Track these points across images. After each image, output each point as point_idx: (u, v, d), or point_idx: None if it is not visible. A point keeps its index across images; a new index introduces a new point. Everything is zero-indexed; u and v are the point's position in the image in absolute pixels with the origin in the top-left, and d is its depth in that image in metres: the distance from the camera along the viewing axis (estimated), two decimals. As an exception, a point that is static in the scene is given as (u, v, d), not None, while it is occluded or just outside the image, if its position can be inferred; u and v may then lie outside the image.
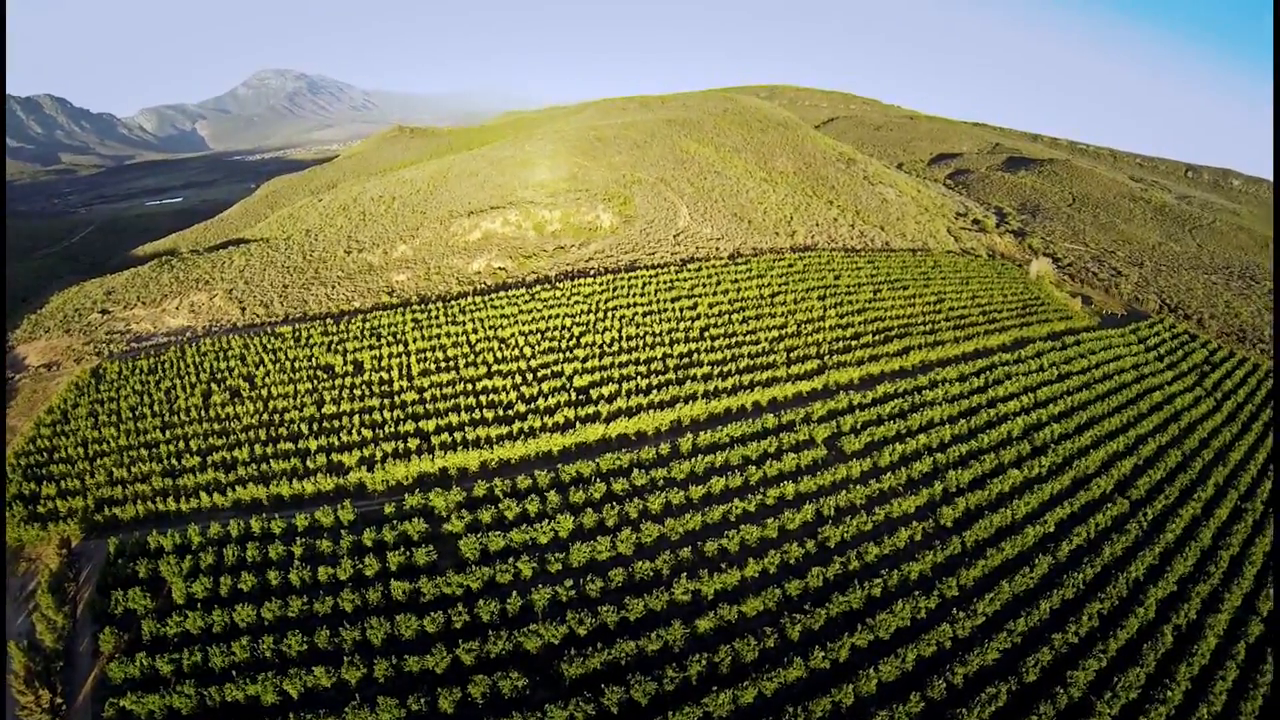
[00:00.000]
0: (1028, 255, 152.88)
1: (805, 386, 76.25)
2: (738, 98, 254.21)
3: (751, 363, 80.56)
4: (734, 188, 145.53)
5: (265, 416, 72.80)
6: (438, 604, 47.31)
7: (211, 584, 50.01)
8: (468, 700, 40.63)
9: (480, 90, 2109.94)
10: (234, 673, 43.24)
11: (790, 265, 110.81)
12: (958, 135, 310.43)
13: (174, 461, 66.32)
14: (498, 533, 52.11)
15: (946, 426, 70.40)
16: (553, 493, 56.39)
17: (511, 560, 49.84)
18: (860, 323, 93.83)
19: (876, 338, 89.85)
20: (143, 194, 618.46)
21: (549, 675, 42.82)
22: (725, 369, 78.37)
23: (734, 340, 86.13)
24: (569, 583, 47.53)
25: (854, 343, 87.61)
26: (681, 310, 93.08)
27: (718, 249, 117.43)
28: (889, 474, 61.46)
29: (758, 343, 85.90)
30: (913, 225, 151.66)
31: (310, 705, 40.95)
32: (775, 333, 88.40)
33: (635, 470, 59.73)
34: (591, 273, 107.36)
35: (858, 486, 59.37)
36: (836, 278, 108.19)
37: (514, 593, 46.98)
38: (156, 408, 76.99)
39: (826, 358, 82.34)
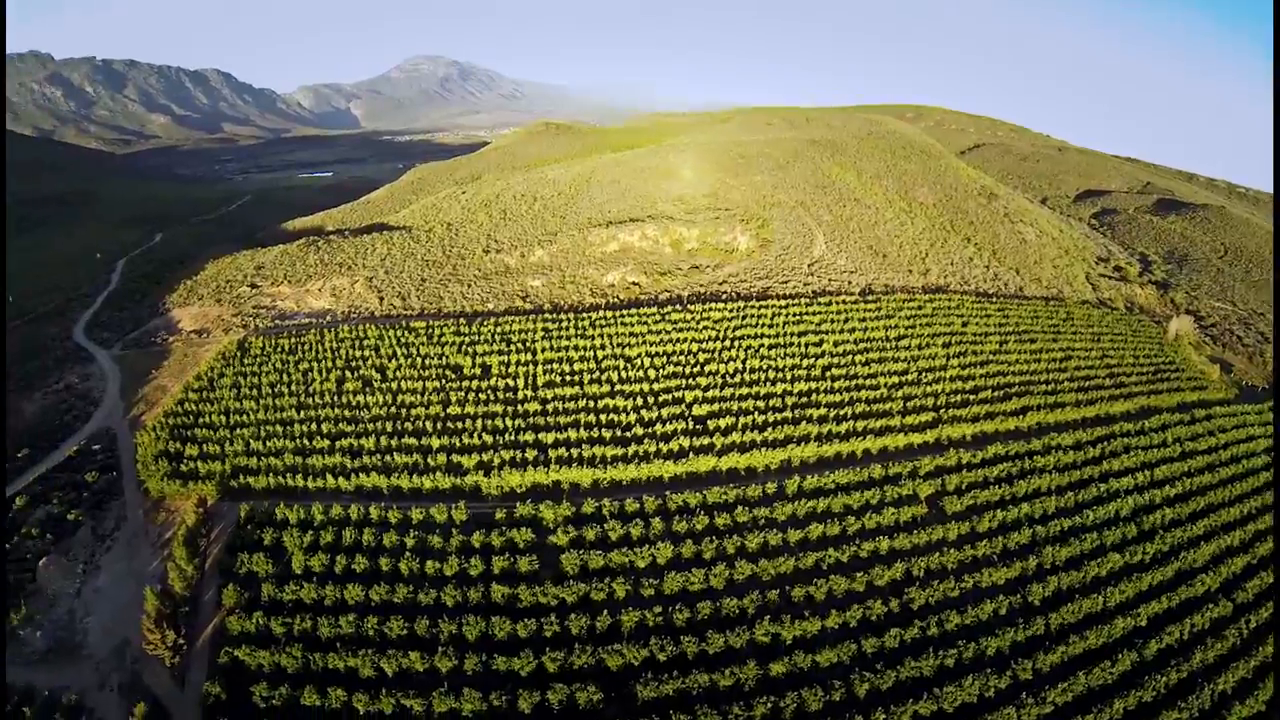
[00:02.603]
0: (1168, 311, 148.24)
1: (917, 439, 78.97)
2: (882, 120, 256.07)
3: (868, 409, 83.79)
4: (872, 218, 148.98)
5: (393, 409, 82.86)
6: (532, 611, 53.69)
7: (328, 560, 58.83)
8: (545, 705, 46.62)
9: (623, 85, 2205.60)
10: (338, 644, 51.35)
11: (919, 308, 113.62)
12: (1107, 171, 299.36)
13: (305, 441, 77.09)
14: (599, 552, 58.22)
15: (1052, 497, 70.86)
16: (657, 519, 62.07)
17: (608, 580, 55.56)
18: (982, 376, 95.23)
19: (996, 394, 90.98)
20: (296, 166, 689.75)
21: (623, 694, 48.19)
22: (841, 412, 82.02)
23: (854, 383, 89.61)
24: (658, 609, 52.95)
25: (972, 397, 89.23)
26: (807, 346, 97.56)
27: (850, 283, 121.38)
28: (985, 541, 63.33)
29: (876, 388, 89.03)
30: (1050, 269, 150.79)
31: (402, 685, 48.17)
32: (895, 379, 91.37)
33: (740, 507, 64.42)
34: (723, 297, 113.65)
35: (952, 550, 61.73)
36: (964, 324, 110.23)
37: (605, 611, 52.75)
38: (294, 387, 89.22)
39: (942, 411, 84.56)
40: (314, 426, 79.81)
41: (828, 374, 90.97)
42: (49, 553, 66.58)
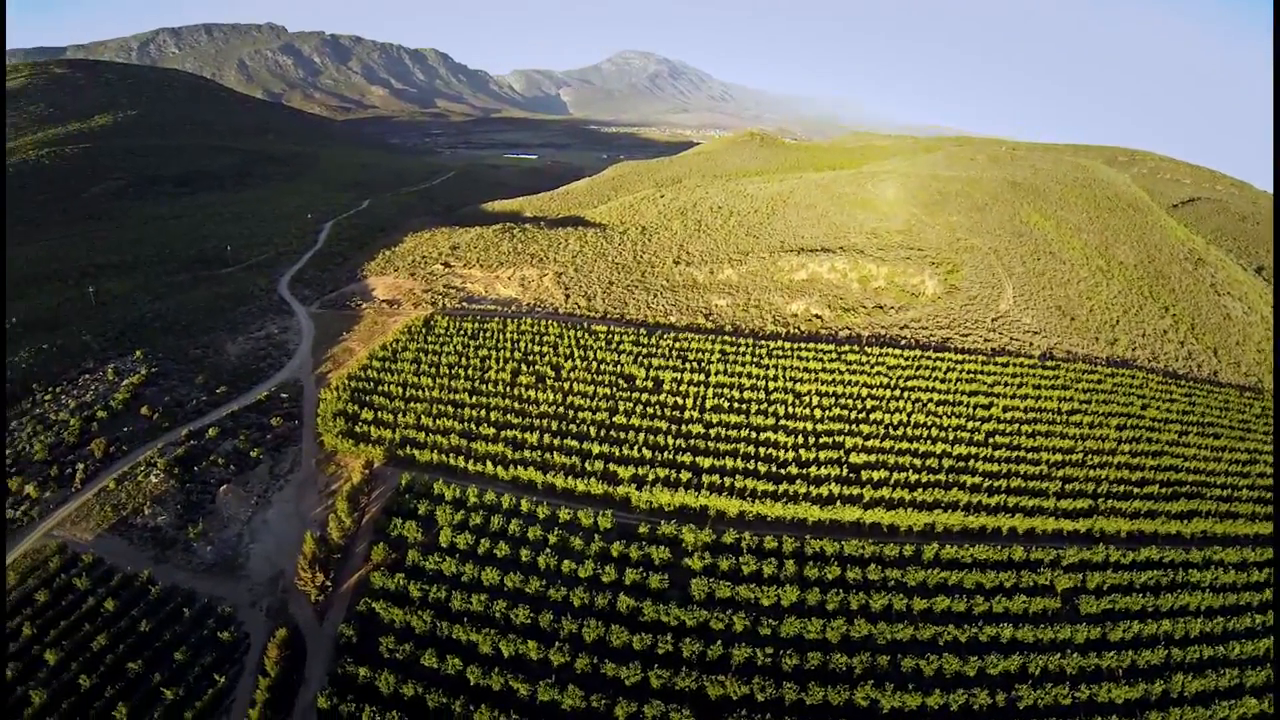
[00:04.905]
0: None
1: (1068, 526, 76.72)
2: (1091, 165, 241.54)
3: (1023, 484, 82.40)
4: (1066, 275, 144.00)
5: (561, 409, 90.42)
6: (651, 627, 58.65)
7: (473, 541, 66.80)
8: (639, 717, 51.26)
9: (833, 99, 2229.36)
10: (465, 619, 58.80)
11: (1099, 381, 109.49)
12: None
13: (473, 426, 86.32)
14: (729, 583, 62.29)
15: (1199, 620, 66.86)
16: (791, 562, 65.33)
17: (730, 612, 59.59)
18: (1152, 468, 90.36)
19: (1163, 490, 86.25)
20: (503, 146, 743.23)
21: (713, 724, 52.36)
22: (996, 484, 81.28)
23: (1015, 454, 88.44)
24: (769, 650, 56.18)
25: (1136, 490, 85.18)
26: (975, 408, 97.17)
27: (1031, 344, 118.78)
28: (1114, 653, 61.00)
29: (1037, 463, 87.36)
30: (1253, 353, 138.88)
31: (514, 668, 54.60)
32: (1059, 456, 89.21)
33: (873, 564, 66.43)
34: (902, 343, 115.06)
35: (1075, 654, 60.21)
36: (1144, 407, 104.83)
37: (719, 641, 56.76)
38: (470, 371, 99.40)
39: (1101, 500, 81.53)
40: (483, 413, 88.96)
41: (990, 440, 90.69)
42: (229, 481, 79.72)
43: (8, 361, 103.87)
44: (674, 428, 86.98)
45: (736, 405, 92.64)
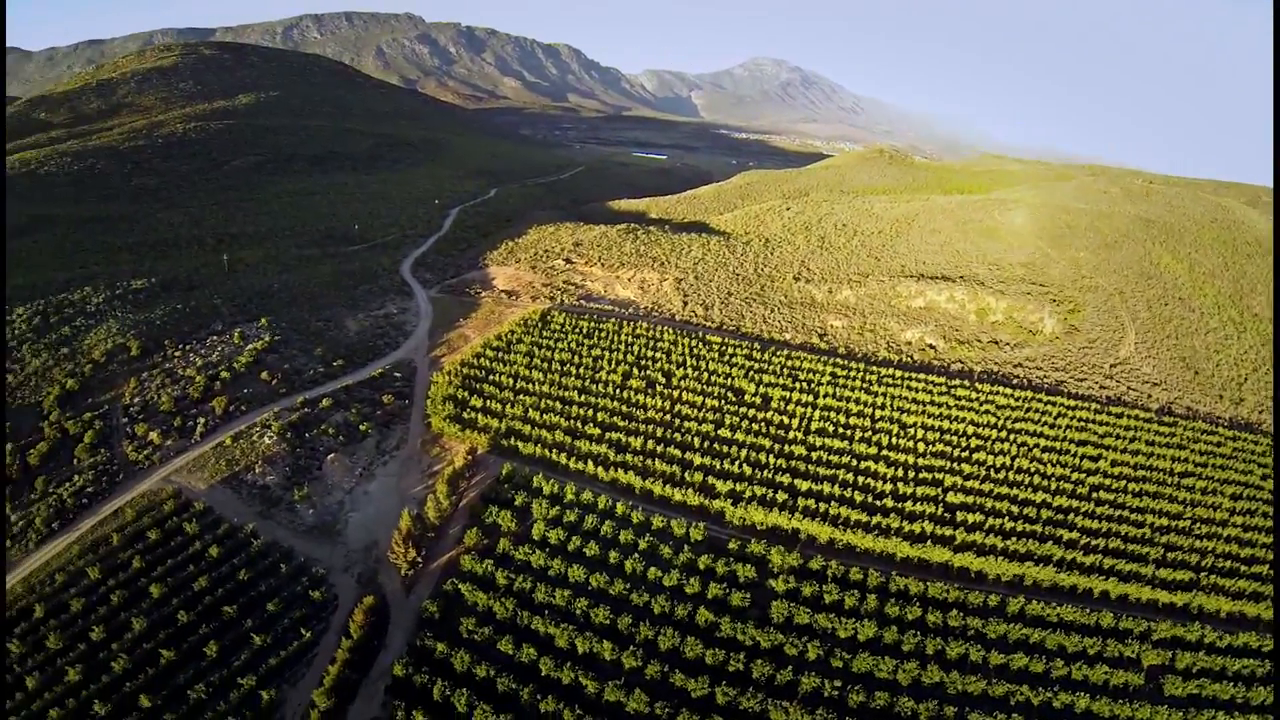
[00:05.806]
0: None
1: (1164, 597, 72.64)
2: (1232, 205, 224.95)
3: (1123, 546, 78.77)
4: (1195, 325, 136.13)
5: (668, 417, 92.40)
6: (726, 644, 60.04)
7: (564, 537, 69.54)
8: (699, 731, 52.87)
9: (964, 117, 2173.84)
10: (546, 611, 61.58)
11: (1219, 444, 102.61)
12: None
13: (579, 424, 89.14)
14: (809, 610, 63.07)
15: None
16: (873, 596, 65.32)
17: (805, 639, 60.40)
18: (1265, 545, 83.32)
19: (1273, 572, 78.93)
20: (631, 144, 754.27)
21: (772, 750, 53.00)
22: (1093, 543, 78.34)
23: (1118, 514, 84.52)
24: (838, 683, 56.60)
25: (1244, 568, 78.87)
26: (1081, 459, 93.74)
27: (1149, 396, 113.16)
28: None
29: (1140, 525, 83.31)
30: None
31: (585, 665, 56.93)
32: (1164, 521, 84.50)
33: (955, 610, 65.52)
34: (1014, 381, 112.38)
35: None
36: (1264, 477, 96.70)
37: (790, 667, 57.68)
38: (581, 370, 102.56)
39: (1204, 575, 76.32)
40: (590, 412, 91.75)
41: (1094, 495, 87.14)
42: (337, 450, 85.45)
43: (145, 317, 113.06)
44: (777, 446, 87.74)
45: (841, 430, 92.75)
